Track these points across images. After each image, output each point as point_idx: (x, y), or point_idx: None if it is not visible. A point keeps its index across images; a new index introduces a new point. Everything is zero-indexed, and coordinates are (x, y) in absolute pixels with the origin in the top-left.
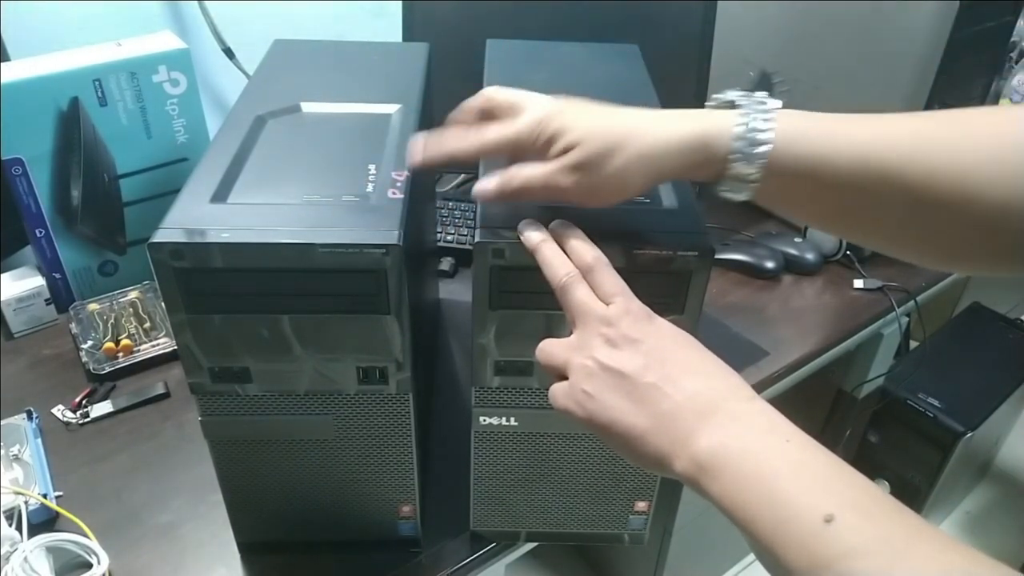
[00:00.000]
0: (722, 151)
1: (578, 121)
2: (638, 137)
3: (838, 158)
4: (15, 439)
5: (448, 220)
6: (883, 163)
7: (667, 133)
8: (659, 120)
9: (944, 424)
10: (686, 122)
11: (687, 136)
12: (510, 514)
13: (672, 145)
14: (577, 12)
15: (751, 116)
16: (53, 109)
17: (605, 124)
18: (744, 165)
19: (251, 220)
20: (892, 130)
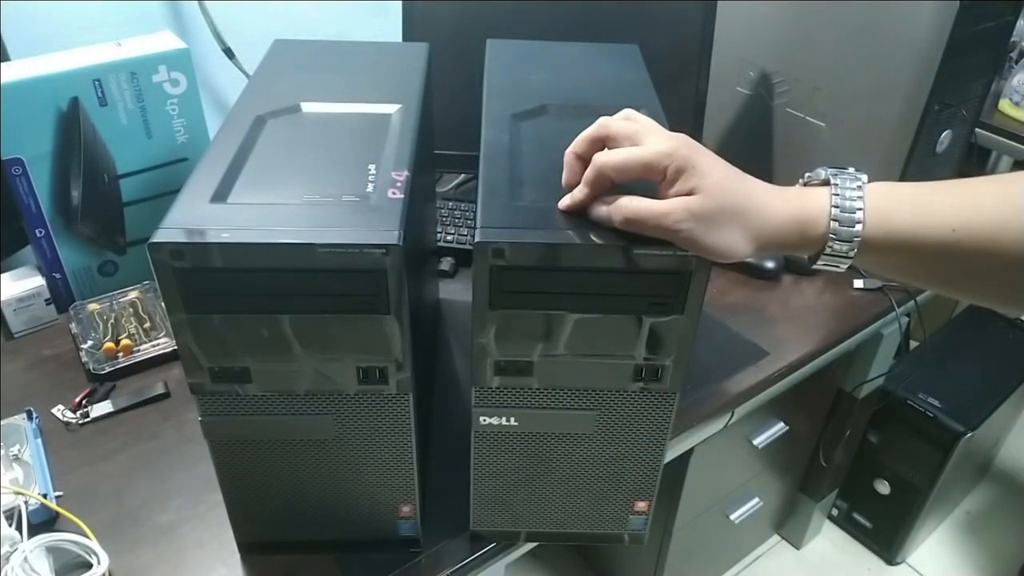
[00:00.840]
0: (819, 232)
1: (711, 169)
2: (757, 207)
3: (930, 231)
4: (15, 439)
5: (448, 220)
6: (976, 234)
7: (779, 209)
8: (774, 193)
9: (944, 424)
10: (789, 204)
11: (790, 219)
12: (510, 514)
13: (778, 227)
14: (577, 12)
15: (843, 196)
16: (53, 109)
17: (733, 187)
18: (840, 243)
19: (251, 220)
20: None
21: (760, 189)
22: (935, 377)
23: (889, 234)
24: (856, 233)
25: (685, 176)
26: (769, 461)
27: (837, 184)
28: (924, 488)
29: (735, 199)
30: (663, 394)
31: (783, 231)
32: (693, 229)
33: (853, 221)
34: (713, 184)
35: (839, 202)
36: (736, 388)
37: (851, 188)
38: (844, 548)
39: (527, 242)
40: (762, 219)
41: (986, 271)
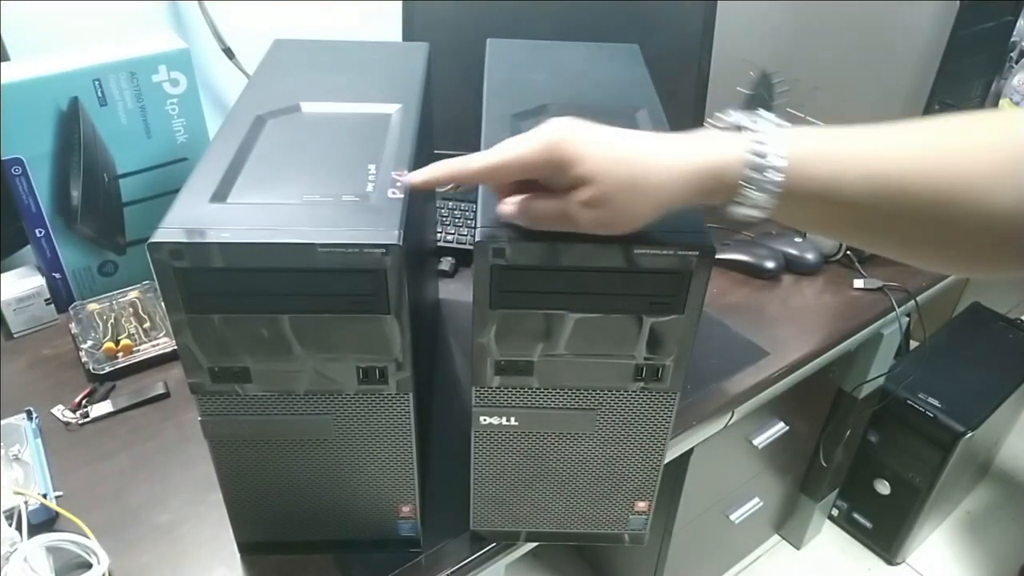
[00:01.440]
0: (734, 179)
1: (592, 152)
2: (652, 172)
3: (850, 180)
4: (15, 439)
5: (448, 220)
6: (893, 184)
7: (679, 164)
8: (670, 150)
9: (944, 424)
10: (697, 151)
11: (699, 167)
12: (510, 514)
13: (685, 177)
14: (577, 12)
15: (760, 143)
16: (53, 109)
17: (618, 158)
18: (756, 192)
19: (251, 220)
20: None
21: (658, 142)
22: (935, 377)
23: (807, 180)
24: (774, 182)
25: (569, 169)
26: (769, 461)
27: (755, 130)
28: (924, 488)
29: (625, 166)
30: (663, 394)
31: (692, 181)
32: (594, 219)
33: (769, 168)
34: (598, 165)
35: (755, 147)
36: (736, 388)
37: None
38: (844, 548)
39: (527, 242)
40: (666, 172)
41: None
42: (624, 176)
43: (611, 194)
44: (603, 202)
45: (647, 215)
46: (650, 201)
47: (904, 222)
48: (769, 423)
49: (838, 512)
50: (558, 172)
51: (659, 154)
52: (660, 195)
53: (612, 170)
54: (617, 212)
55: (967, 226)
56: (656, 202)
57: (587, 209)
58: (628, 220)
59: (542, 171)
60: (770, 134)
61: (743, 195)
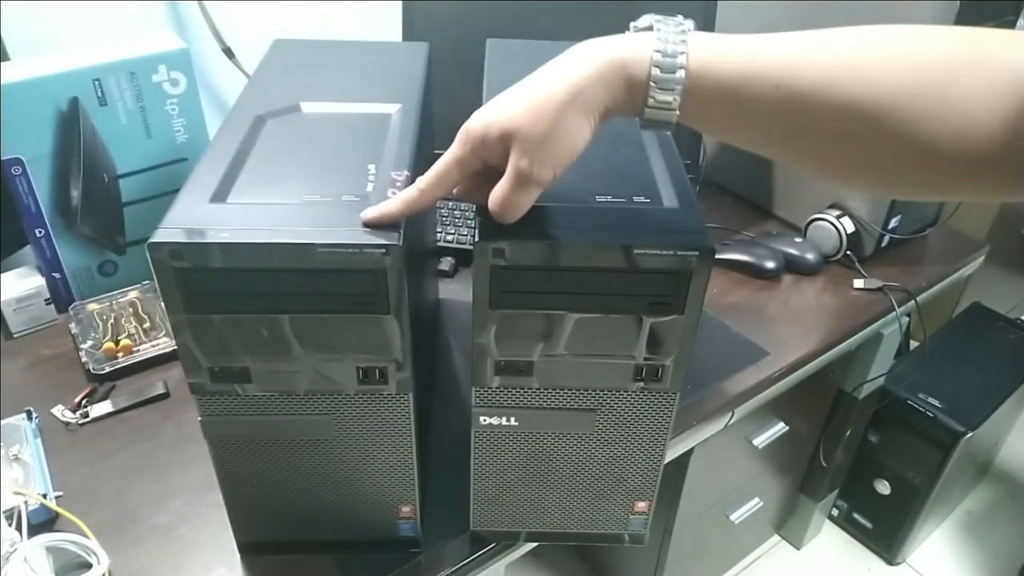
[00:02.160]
0: (641, 77)
1: (497, 110)
2: (554, 86)
3: (756, 83)
4: (15, 439)
5: (448, 220)
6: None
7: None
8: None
9: (944, 424)
10: (598, 50)
11: (604, 63)
12: (510, 514)
13: (592, 76)
14: (577, 12)
15: (665, 41)
16: (53, 109)
17: (518, 98)
18: (662, 93)
19: (251, 220)
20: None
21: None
22: (935, 377)
23: (714, 83)
24: (678, 79)
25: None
26: (769, 461)
27: (659, 30)
28: (924, 488)
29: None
30: (663, 394)
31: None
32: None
33: (674, 67)
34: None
35: (660, 46)
36: (736, 388)
37: (673, 32)
38: (844, 548)
39: (527, 242)
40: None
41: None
42: (529, 110)
43: (530, 133)
44: (530, 146)
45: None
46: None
47: (809, 134)
48: (769, 423)
49: (838, 512)
50: (485, 148)
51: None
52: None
53: (518, 114)
54: (548, 145)
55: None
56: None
57: (525, 159)
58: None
59: (474, 157)
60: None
61: (651, 96)
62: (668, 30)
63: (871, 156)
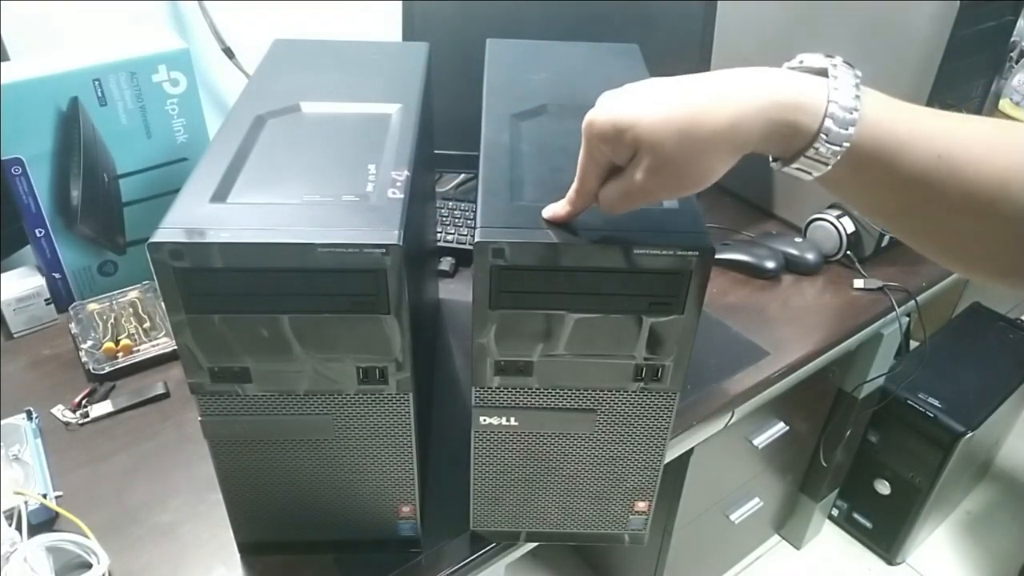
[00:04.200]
0: (811, 127)
1: (637, 111)
2: (713, 111)
3: (918, 151)
4: (15, 439)
5: (448, 220)
6: (962, 164)
7: (749, 99)
8: (735, 84)
9: (944, 424)
10: (771, 86)
11: (773, 104)
12: (510, 514)
13: (755, 114)
14: (577, 12)
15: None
16: (53, 109)
17: (667, 107)
18: (827, 145)
19: (251, 220)
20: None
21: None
22: (935, 377)
23: (877, 145)
24: (848, 136)
25: (617, 140)
26: (769, 461)
27: (836, 77)
28: (924, 488)
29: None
30: (663, 394)
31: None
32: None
33: (848, 123)
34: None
35: (837, 97)
36: (736, 388)
37: (849, 85)
38: (844, 548)
39: (527, 242)
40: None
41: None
42: (677, 128)
43: (667, 153)
44: (662, 164)
45: (716, 166)
46: (716, 148)
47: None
48: (769, 423)
49: (838, 512)
50: (611, 147)
51: (717, 92)
52: (726, 139)
53: (661, 126)
54: (681, 170)
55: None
56: (723, 148)
57: (648, 176)
58: (696, 176)
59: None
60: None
61: (814, 147)
62: (846, 80)
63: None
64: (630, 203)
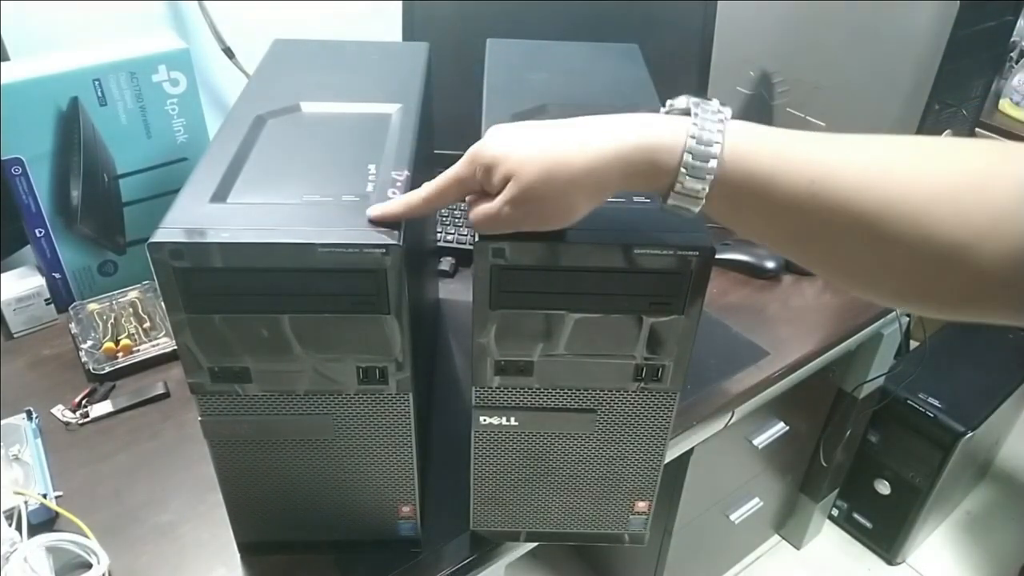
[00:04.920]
0: (670, 163)
1: (511, 149)
2: (574, 156)
3: (789, 179)
4: (15, 439)
5: (448, 220)
6: (835, 190)
7: (607, 145)
8: (597, 131)
9: (944, 424)
10: (630, 131)
11: (631, 148)
12: (510, 514)
13: (612, 159)
14: (577, 12)
15: (702, 127)
16: (53, 109)
17: (537, 149)
18: (692, 180)
19: (251, 220)
20: (848, 155)
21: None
22: (935, 377)
23: (745, 175)
24: (710, 169)
25: (494, 169)
26: (769, 461)
27: (697, 115)
28: (924, 488)
29: (543, 156)
30: (663, 394)
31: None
32: (524, 212)
33: (708, 155)
34: (517, 160)
35: (697, 132)
36: (736, 388)
37: (711, 120)
38: (844, 548)
39: (527, 242)
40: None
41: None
42: (542, 164)
43: (530, 188)
44: (526, 198)
45: (579, 205)
46: (576, 189)
47: (842, 236)
48: (769, 423)
49: (838, 512)
50: (487, 178)
51: (583, 136)
52: (586, 181)
53: (529, 161)
54: (545, 205)
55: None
56: (584, 189)
57: (512, 207)
58: (560, 212)
59: (474, 181)
60: (711, 119)
61: (679, 182)
62: (706, 116)
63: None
64: (492, 226)
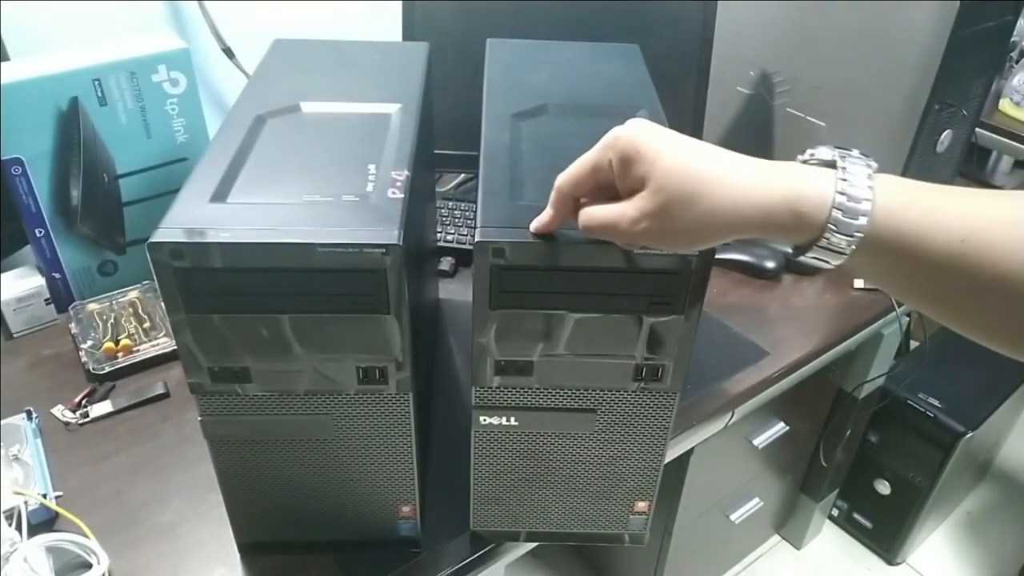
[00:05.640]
0: (817, 219)
1: (661, 150)
2: (720, 188)
3: (940, 238)
4: (15, 439)
5: (448, 220)
6: (987, 248)
7: (754, 188)
8: (746, 170)
9: (944, 424)
10: (778, 178)
11: (777, 196)
12: (510, 514)
13: (757, 203)
14: (577, 12)
15: (851, 183)
16: (53, 109)
17: (684, 165)
18: (838, 236)
19: (251, 220)
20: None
21: (733, 159)
22: (935, 377)
23: (894, 234)
24: (860, 226)
25: (630, 164)
26: (769, 461)
27: (845, 168)
28: (924, 488)
29: (696, 182)
30: (663, 394)
31: (766, 209)
32: (649, 230)
33: (858, 212)
34: (664, 169)
35: (845, 188)
36: (736, 388)
37: (859, 175)
38: (844, 548)
39: (527, 242)
40: (736, 192)
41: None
42: (694, 182)
43: (675, 200)
44: (662, 214)
45: (707, 238)
46: (712, 223)
47: (985, 292)
48: (769, 423)
49: (838, 512)
50: (622, 167)
51: (733, 175)
52: (724, 219)
53: (675, 176)
54: (677, 228)
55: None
56: (719, 225)
57: (642, 219)
58: (685, 239)
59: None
60: (860, 173)
61: (824, 237)
62: (855, 170)
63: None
64: (605, 232)
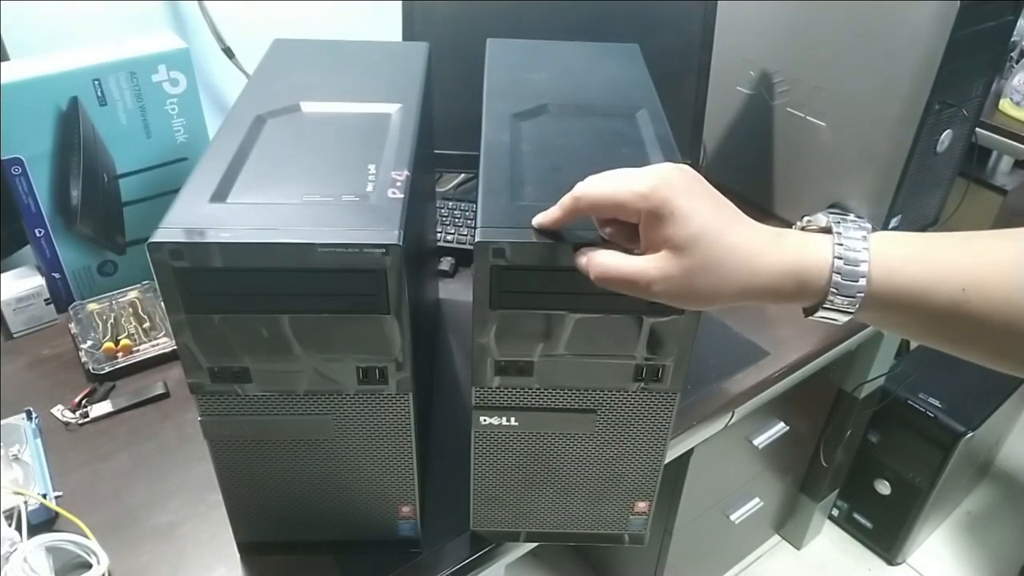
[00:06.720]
0: (820, 284)
1: (691, 217)
2: (738, 266)
3: (941, 290)
4: (15, 439)
5: (448, 220)
6: (989, 294)
7: (765, 266)
8: (759, 247)
9: (945, 424)
10: (786, 253)
11: (785, 269)
12: (510, 514)
13: (769, 278)
14: (577, 12)
15: (847, 247)
16: (53, 109)
17: (715, 238)
18: (841, 298)
19: (250, 220)
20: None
21: (749, 237)
22: (935, 377)
23: (895, 291)
24: (860, 288)
25: (660, 223)
26: (769, 461)
27: (840, 233)
28: (924, 488)
29: (716, 252)
30: (663, 394)
31: (775, 282)
32: (667, 291)
33: (857, 275)
34: (691, 237)
35: (842, 253)
36: (736, 388)
37: (855, 238)
38: (844, 548)
39: (527, 242)
40: (749, 271)
41: (997, 334)
42: (715, 252)
43: (696, 267)
44: (680, 278)
45: (717, 302)
46: (725, 291)
47: (994, 333)
48: (769, 423)
49: (838, 512)
50: (651, 221)
51: (748, 241)
52: (737, 287)
53: (707, 240)
54: (690, 291)
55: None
56: (729, 293)
57: (662, 282)
58: (698, 301)
59: (637, 215)
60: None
61: (828, 300)
62: (850, 233)
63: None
64: (622, 286)
